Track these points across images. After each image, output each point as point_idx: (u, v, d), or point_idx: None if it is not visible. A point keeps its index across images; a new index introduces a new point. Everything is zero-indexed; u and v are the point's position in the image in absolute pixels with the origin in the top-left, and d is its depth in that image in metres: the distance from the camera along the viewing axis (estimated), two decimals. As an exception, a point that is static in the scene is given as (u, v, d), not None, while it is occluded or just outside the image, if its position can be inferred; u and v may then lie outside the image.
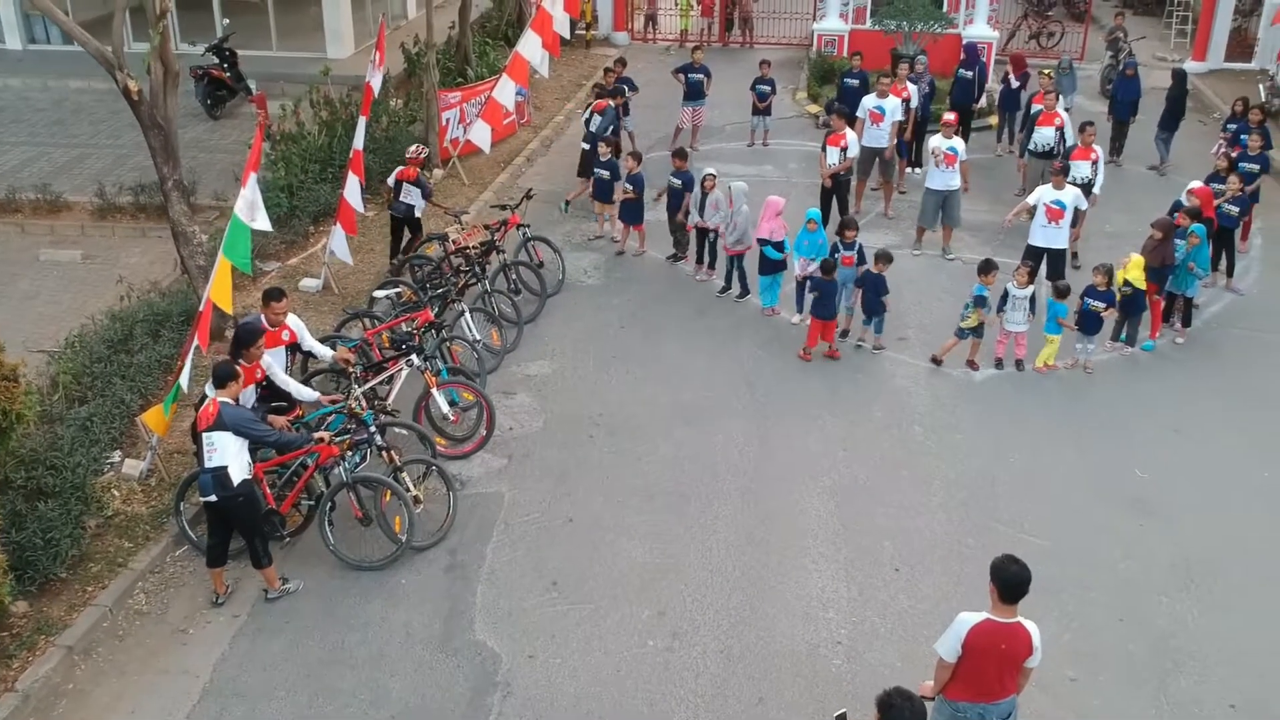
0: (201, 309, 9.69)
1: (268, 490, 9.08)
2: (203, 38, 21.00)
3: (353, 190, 13.08)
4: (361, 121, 13.22)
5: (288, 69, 21.10)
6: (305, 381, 10.99)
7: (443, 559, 9.20)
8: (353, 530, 9.20)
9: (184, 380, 9.63)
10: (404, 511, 9.03)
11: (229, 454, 8.25)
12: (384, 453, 9.24)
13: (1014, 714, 6.56)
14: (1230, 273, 13.95)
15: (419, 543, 9.20)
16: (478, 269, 12.58)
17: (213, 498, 8.30)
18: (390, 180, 13.74)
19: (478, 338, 11.91)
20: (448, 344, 11.36)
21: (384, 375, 10.60)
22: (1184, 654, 8.25)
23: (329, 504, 9.03)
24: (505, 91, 16.55)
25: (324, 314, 12.99)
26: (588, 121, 16.02)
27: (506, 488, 10.12)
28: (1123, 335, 12.46)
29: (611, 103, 15.51)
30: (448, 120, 17.58)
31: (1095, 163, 14.26)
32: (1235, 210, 13.53)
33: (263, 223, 10.41)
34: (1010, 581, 6.25)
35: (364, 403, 9.80)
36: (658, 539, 9.43)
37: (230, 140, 18.47)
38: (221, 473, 8.22)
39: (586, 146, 15.71)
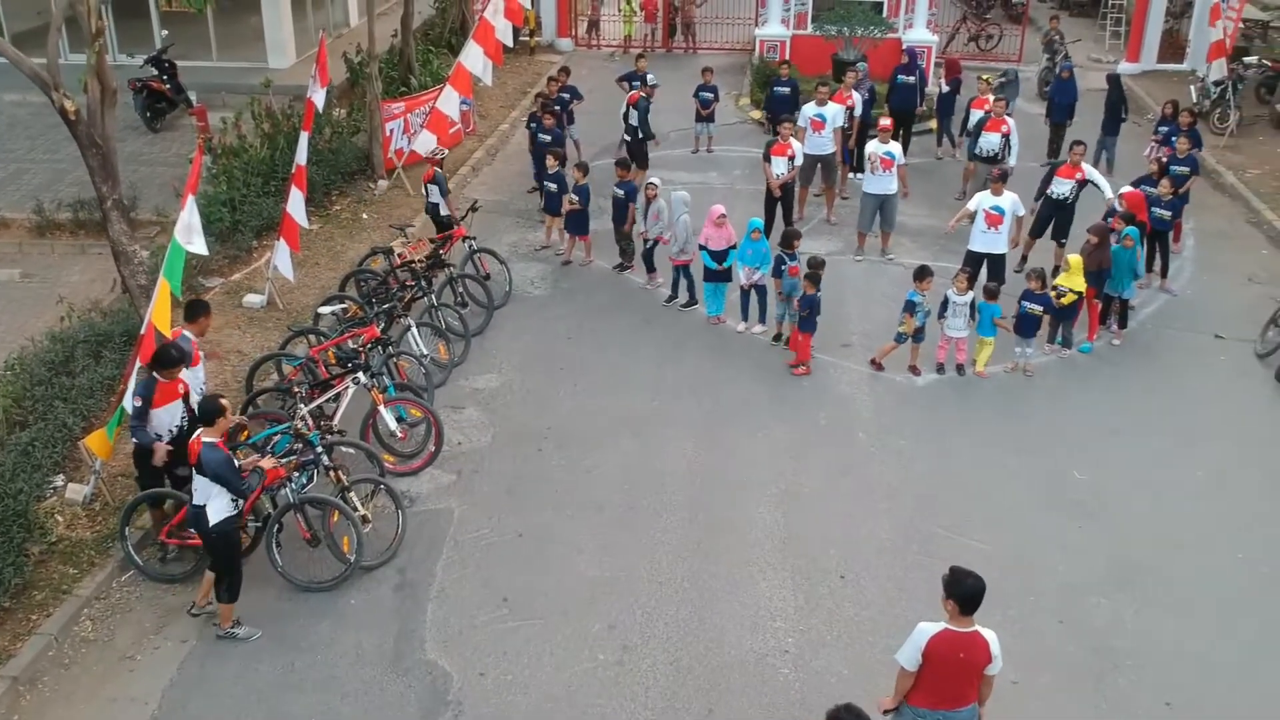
0: (144, 331, 9.60)
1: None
2: (141, 48, 20.84)
3: (296, 205, 13.02)
4: (304, 137, 13.16)
5: (229, 79, 20.95)
6: (251, 400, 11.01)
7: (392, 578, 9.21)
8: (301, 551, 9.17)
9: (129, 403, 9.55)
10: (352, 531, 9.02)
11: (208, 494, 8.12)
12: (331, 473, 9.22)
13: None
14: (1164, 274, 14.28)
15: (368, 562, 9.20)
16: (424, 283, 12.59)
17: (191, 530, 8.43)
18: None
19: (425, 352, 11.92)
20: (394, 360, 11.35)
21: (330, 393, 10.57)
22: (1121, 654, 8.47)
23: (276, 525, 9.00)
24: (449, 102, 16.53)
25: (269, 330, 12.93)
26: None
27: (456, 503, 10.15)
28: (1059, 338, 12.71)
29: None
30: (391, 131, 17.56)
31: (1082, 182, 14.11)
32: (1167, 214, 13.84)
33: (199, 246, 10.35)
34: (967, 594, 6.44)
35: (310, 422, 9.81)
36: (607, 551, 9.51)
37: (171, 153, 18.28)
38: (201, 513, 8.15)
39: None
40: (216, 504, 8.16)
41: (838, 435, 11.23)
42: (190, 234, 10.08)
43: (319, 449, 9.14)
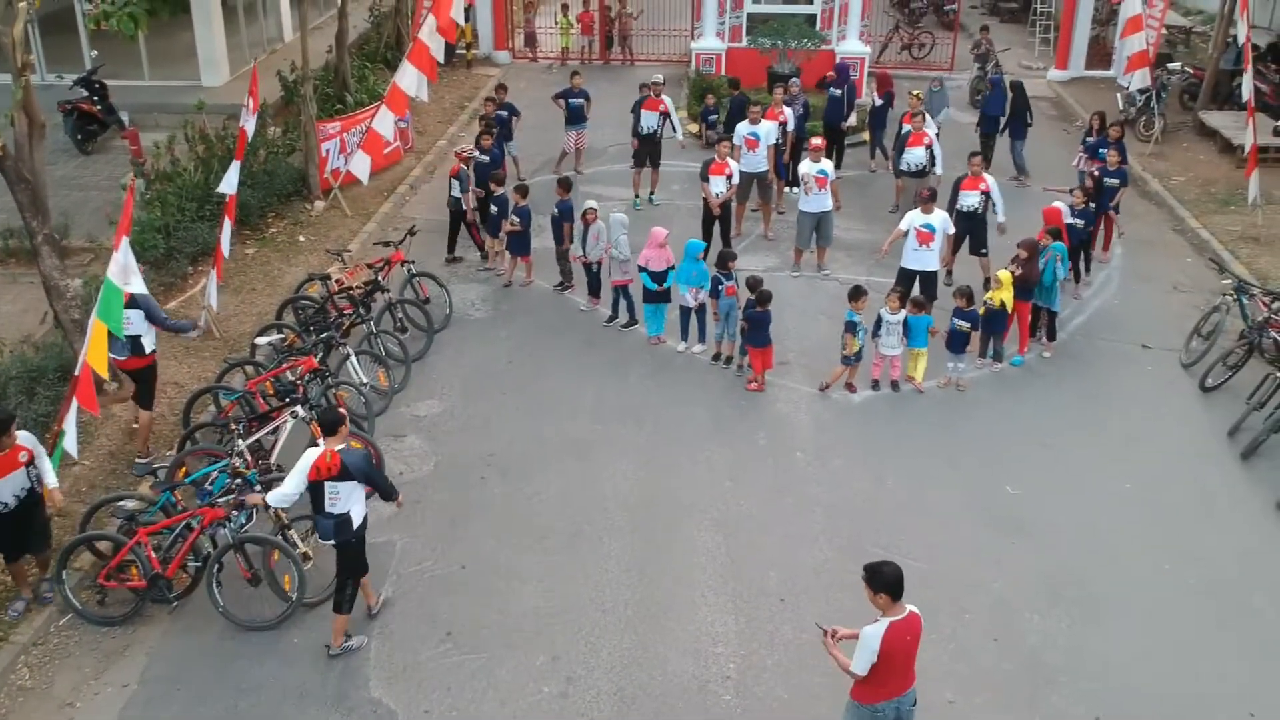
0: (78, 372, 9.51)
1: (153, 554, 8.99)
2: (70, 67, 20.49)
3: (225, 234, 12.91)
4: (235, 165, 13.05)
5: (161, 99, 20.72)
6: (189, 435, 10.92)
7: (335, 614, 9.20)
8: (242, 590, 9.13)
9: (69, 444, 9.46)
10: (293, 569, 9.00)
11: (351, 500, 8.42)
12: (270, 511, 9.19)
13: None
14: (1077, 280, 14.56)
15: (310, 599, 9.17)
16: (362, 309, 12.57)
17: (332, 542, 8.50)
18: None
19: (364, 380, 11.90)
20: (333, 390, 11.32)
21: (269, 427, 10.53)
22: (1054, 670, 8.69)
23: (216, 565, 8.96)
24: (384, 122, 16.50)
25: (206, 360, 12.83)
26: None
27: (398, 536, 10.15)
28: (990, 352, 12.95)
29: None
30: (327, 151, 17.46)
31: (986, 193, 14.35)
32: (1080, 223, 14.15)
33: (137, 285, 10.27)
34: (892, 581, 6.80)
35: (248, 458, 9.78)
36: (551, 581, 9.57)
37: (103, 177, 18.04)
38: (344, 519, 8.41)
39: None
40: (358, 508, 8.50)
41: (776, 455, 11.38)
42: (127, 274, 10.00)
43: (257, 487, 9.10)
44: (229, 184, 13.02)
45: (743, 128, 15.74)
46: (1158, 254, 16.22)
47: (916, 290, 13.21)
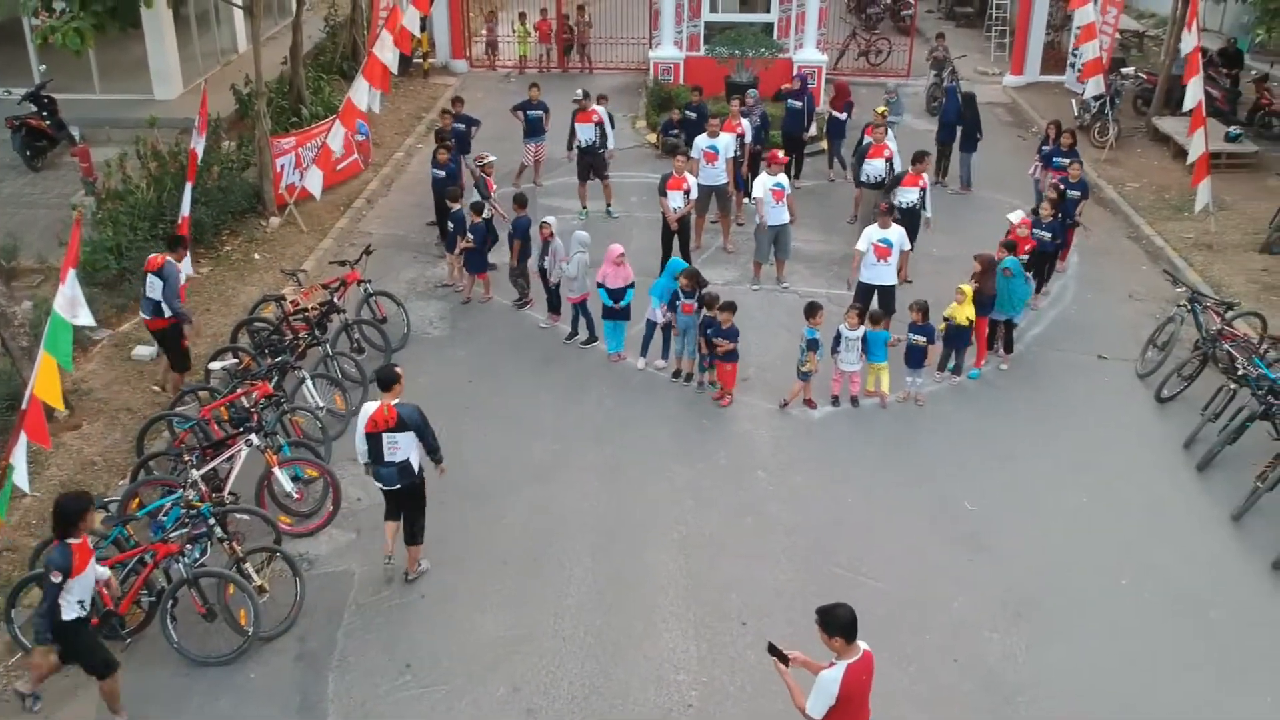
0: (25, 405, 9.33)
1: (104, 590, 8.83)
2: (17, 81, 20.14)
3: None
4: (188, 188, 12.86)
5: (113, 113, 20.39)
6: (143, 464, 10.74)
7: (292, 648, 9.08)
8: (197, 625, 9.00)
9: (19, 478, 9.27)
10: (249, 602, 8.88)
11: (410, 449, 9.27)
12: (225, 544, 9.06)
13: None
14: (1037, 290, 14.65)
15: (266, 632, 9.06)
16: (317, 331, 12.43)
17: (397, 486, 9.37)
18: None
19: (321, 404, 11.77)
20: (289, 416, 11.19)
21: (224, 456, 10.39)
22: (1013, 688, 8.73)
23: (170, 600, 8.82)
24: (338, 138, 16.35)
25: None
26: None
27: (356, 564, 10.04)
28: (950, 365, 13.00)
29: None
30: (282, 166, 17.26)
31: (923, 190, 14.88)
32: (1048, 235, 14.26)
33: (85, 318, 10.11)
34: (846, 624, 6.61)
35: (202, 487, 9.64)
36: (511, 608, 9.49)
37: (53, 194, 17.75)
38: (405, 465, 9.27)
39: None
40: (415, 454, 9.33)
41: (738, 474, 11.36)
42: (74, 307, 9.83)
43: (211, 521, 8.97)
44: (183, 207, 12.81)
45: (701, 141, 15.73)
46: (1113, 262, 16.37)
47: (875, 304, 13.24)
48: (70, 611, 7.70)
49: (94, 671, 8.12)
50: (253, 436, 10.21)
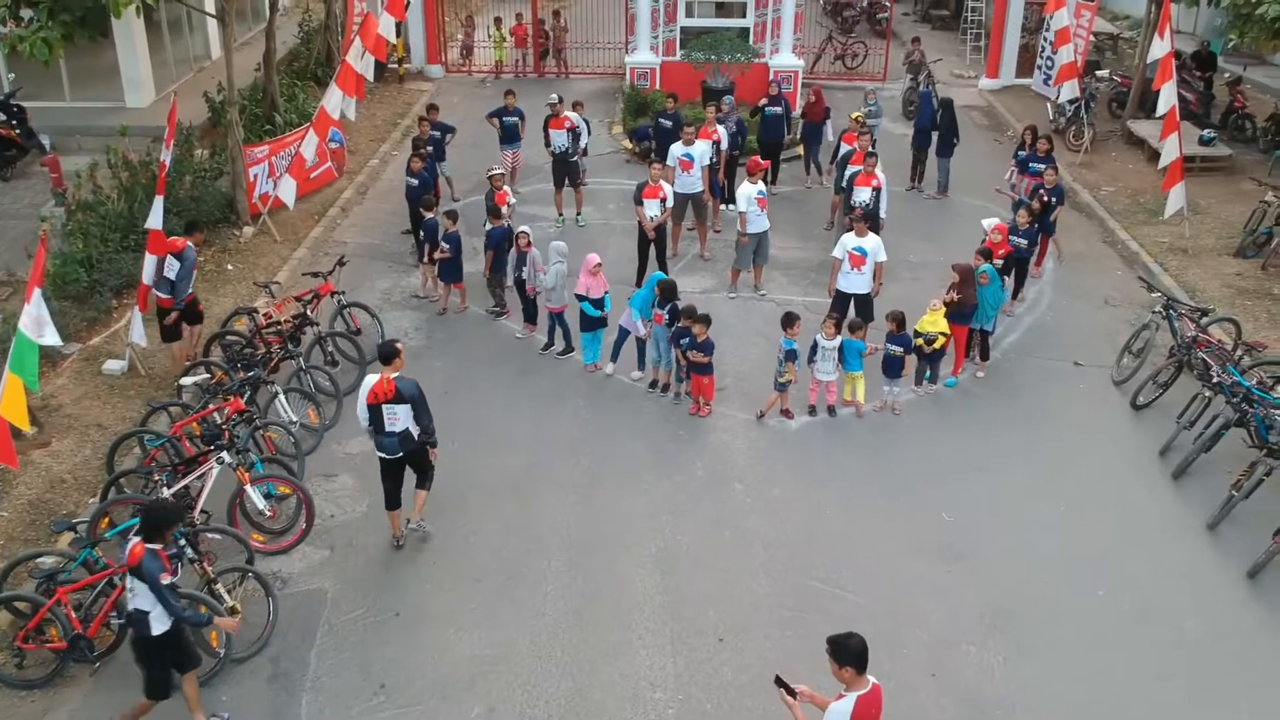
0: (-10, 426, 9.22)
1: (73, 613, 8.72)
2: (-13, 89, 19.92)
3: (149, 269, 12.59)
4: (158, 201, 12.72)
5: (84, 121, 20.15)
6: (114, 482, 10.61)
7: (265, 669, 8.98)
8: (168, 647, 8.89)
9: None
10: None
11: (408, 419, 9.79)
12: (195, 564, 8.95)
13: None
14: (1013, 297, 14.66)
15: (239, 654, 8.97)
16: (290, 344, 12.31)
17: (399, 454, 9.95)
18: None
19: (294, 419, 11.66)
20: (261, 431, 11.08)
21: (196, 473, 10.26)
22: (990, 704, 8.71)
23: (140, 623, 8.70)
24: (310, 147, 16.23)
25: (131, 400, 12.49)
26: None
27: (330, 583, 9.95)
28: (927, 374, 12.97)
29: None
30: (255, 175, 17.11)
31: (878, 190, 14.86)
32: (1024, 242, 14.28)
33: (51, 338, 9.98)
34: (857, 654, 6.48)
35: (173, 507, 9.51)
36: (487, 627, 9.41)
37: (22, 204, 17.53)
38: (405, 434, 9.81)
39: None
40: (412, 425, 9.85)
41: (715, 487, 11.31)
42: (40, 327, 9.70)
43: (182, 543, 8.85)
44: (154, 219, 12.66)
45: (677, 149, 15.66)
46: (1089, 267, 16.40)
47: (852, 313, 13.22)
48: (157, 625, 7.75)
49: (149, 689, 8.09)
50: (224, 454, 10.10)
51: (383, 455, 10.01)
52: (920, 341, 12.44)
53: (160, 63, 22.22)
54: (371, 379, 9.78)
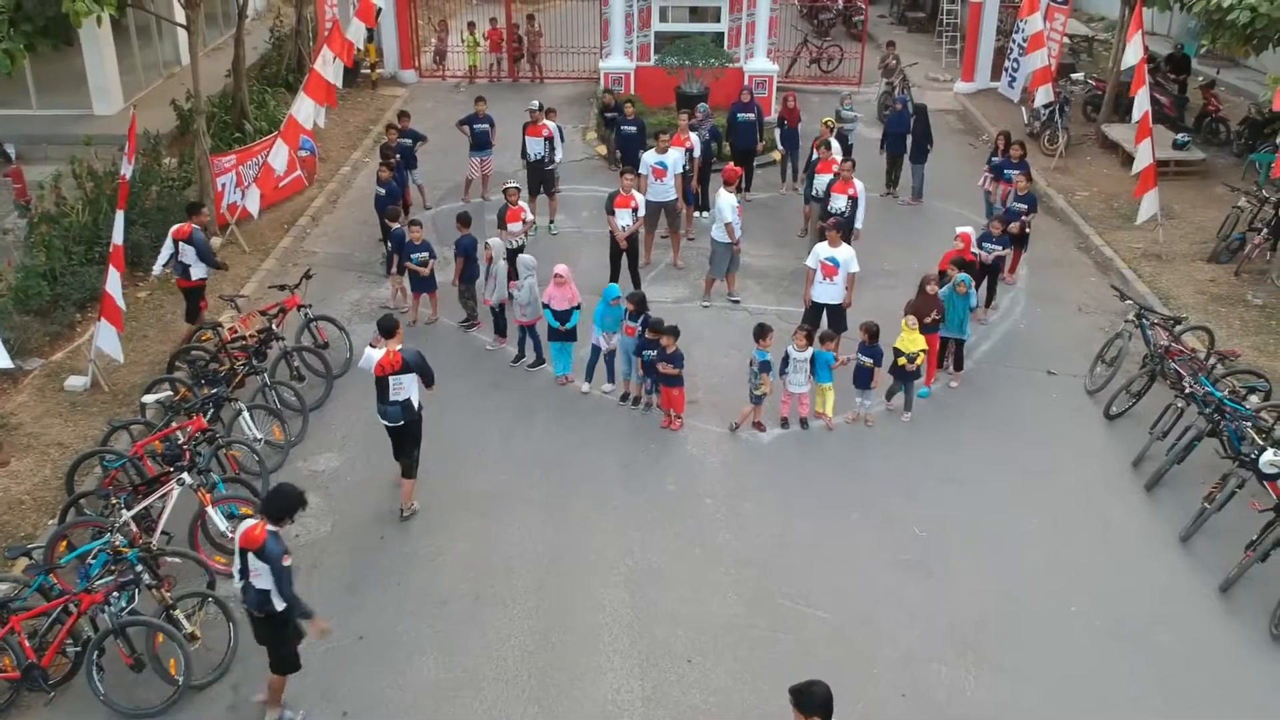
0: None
1: (26, 642, 8.53)
2: (-49, 99, 19.66)
3: (114, 284, 12.40)
4: (119, 215, 12.52)
5: (50, 129, 19.93)
6: (73, 503, 10.41)
7: (226, 696, 8.80)
8: (125, 676, 8.70)
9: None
10: (179, 651, 8.59)
11: (411, 389, 10.42)
12: (154, 590, 8.77)
13: None
14: (988, 304, 14.58)
15: (199, 681, 8.77)
16: (255, 359, 12.13)
17: (401, 423, 10.52)
18: None
19: (259, 436, 11.47)
20: (224, 450, 10.89)
21: (158, 493, 10.07)
22: (962, 725, 8.63)
23: (96, 651, 8.52)
24: (279, 157, 16.04)
25: (93, 417, 12.27)
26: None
27: (293, 605, 9.77)
28: (903, 388, 12.86)
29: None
30: (223, 185, 16.90)
31: (854, 198, 14.73)
32: (997, 248, 14.21)
33: (3, 361, 9.76)
34: (821, 703, 6.29)
35: (133, 529, 9.36)
36: (452, 651, 9.26)
37: (-14, 214, 17.31)
38: (407, 403, 10.43)
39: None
40: (415, 394, 10.55)
41: (685, 502, 11.19)
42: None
43: (139, 568, 8.68)
44: (116, 235, 12.46)
45: (649, 157, 15.54)
46: (1063, 273, 16.36)
47: (825, 324, 13.13)
48: (279, 602, 8.01)
49: (280, 665, 8.35)
50: (185, 475, 9.91)
51: (385, 423, 10.62)
52: (903, 360, 12.25)
53: (129, 69, 22.02)
54: (375, 353, 10.34)
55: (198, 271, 13.29)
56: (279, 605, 8.00)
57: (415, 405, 10.53)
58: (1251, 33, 15.56)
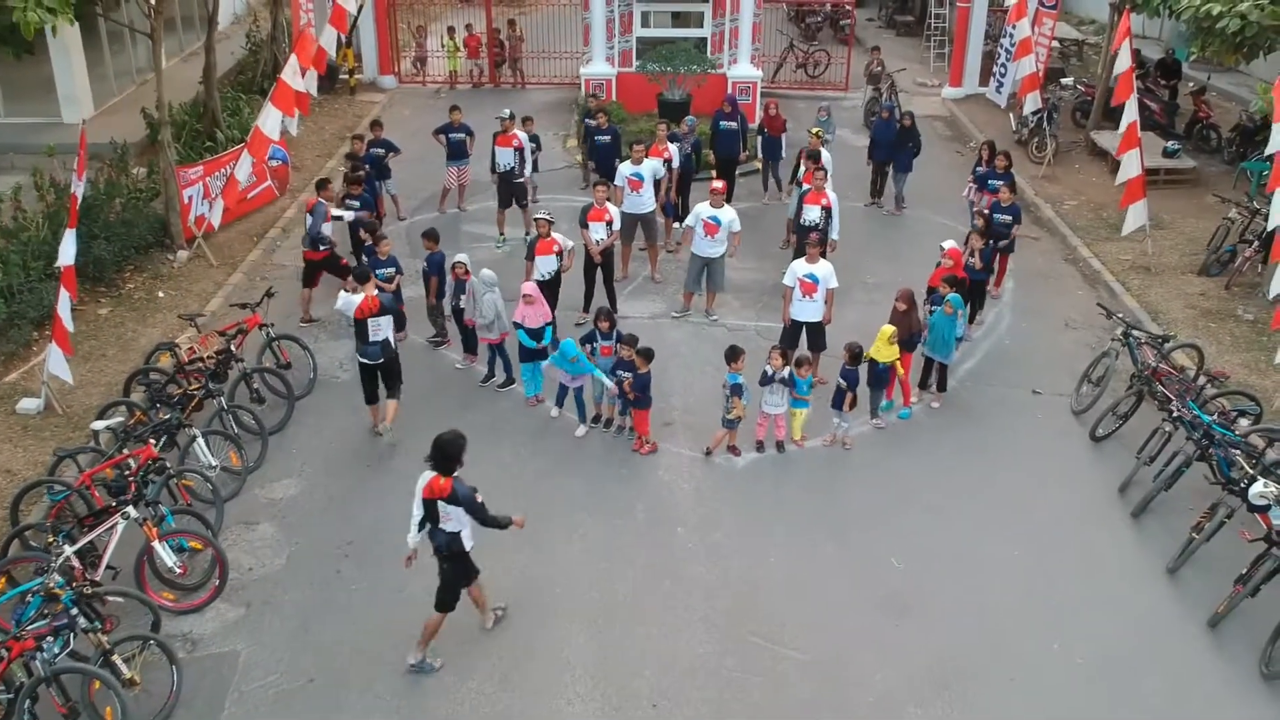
0: None
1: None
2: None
3: (64, 307, 11.98)
4: (70, 234, 12.10)
5: (17, 138, 19.42)
6: (17, 535, 10.00)
7: (166, 745, 8.42)
8: (61, 724, 8.31)
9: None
10: (115, 699, 8.17)
11: (388, 330, 11.68)
12: (91, 634, 8.35)
13: None
14: (970, 321, 14.16)
15: (138, 729, 8.39)
16: (211, 383, 11.69)
17: (381, 360, 11.77)
18: None
19: (214, 463, 11.05)
20: (175, 480, 10.47)
21: (105, 525, 9.65)
22: (937, 773, 8.24)
23: (28, 699, 8.10)
24: (245, 168, 15.65)
25: (46, 441, 11.84)
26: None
27: (243, 644, 9.36)
28: (884, 404, 12.49)
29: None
30: (190, 197, 16.47)
31: (828, 209, 14.37)
32: (979, 264, 13.82)
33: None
34: None
35: (75, 565, 8.97)
36: (406, 695, 8.85)
37: (-54, 229, 16.81)
38: (385, 342, 11.68)
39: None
40: (390, 335, 11.79)
41: (656, 531, 10.78)
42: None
43: (74, 611, 8.27)
44: (66, 255, 12.04)
45: (625, 169, 15.13)
46: (1050, 286, 15.98)
47: (804, 343, 12.75)
48: (468, 541, 8.82)
49: (444, 601, 8.96)
50: (129, 508, 9.50)
51: (365, 361, 11.78)
52: (868, 355, 11.95)
53: (99, 76, 21.57)
54: (352, 298, 11.55)
55: (320, 240, 14.12)
56: (468, 544, 8.80)
57: (392, 344, 11.81)
58: (1241, 41, 15.17)
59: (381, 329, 11.60)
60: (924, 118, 20.37)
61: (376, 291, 11.62)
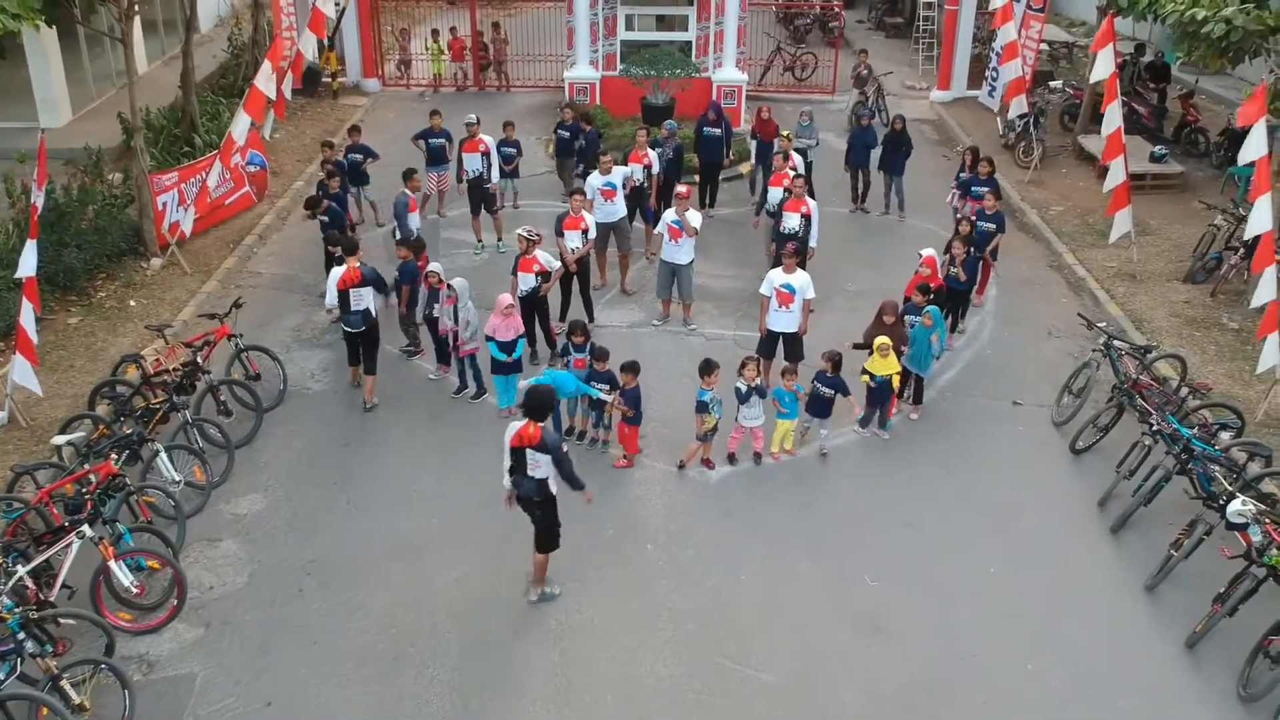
0: None
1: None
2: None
3: (27, 317, 11.78)
4: (30, 245, 11.90)
5: (-7, 143, 19.23)
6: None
7: (116, 772, 8.23)
8: (7, 752, 8.13)
9: None
10: (64, 726, 8.00)
11: (369, 300, 12.34)
12: (40, 659, 8.16)
13: None
14: (952, 330, 13.94)
15: (87, 756, 8.19)
16: (175, 396, 11.48)
17: (362, 328, 12.45)
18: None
19: (177, 478, 10.85)
20: (136, 497, 10.28)
21: (61, 544, 9.44)
22: (905, 801, 8.05)
23: (-26, 727, 7.94)
24: (215, 176, 15.46)
25: (8, 455, 11.62)
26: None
27: (200, 666, 9.16)
28: (874, 422, 12.30)
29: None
30: (164, 204, 16.26)
31: (807, 217, 14.17)
32: (963, 275, 13.62)
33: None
34: None
35: (28, 585, 8.79)
36: (362, 718, 8.66)
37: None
38: (366, 311, 12.36)
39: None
40: (371, 305, 12.41)
41: (625, 549, 10.58)
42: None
43: (20, 635, 8.07)
44: (27, 266, 11.84)
45: (594, 180, 14.86)
46: (1034, 294, 15.78)
47: (781, 354, 12.56)
48: (555, 486, 9.34)
49: (547, 544, 9.62)
50: (84, 527, 9.30)
51: (348, 330, 12.51)
52: (865, 379, 11.80)
53: (77, 80, 21.39)
54: (339, 270, 12.20)
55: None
56: (554, 490, 9.29)
57: (373, 313, 12.39)
58: (1227, 45, 14.99)
59: (363, 299, 12.24)
60: (911, 121, 20.13)
61: (360, 264, 12.23)
